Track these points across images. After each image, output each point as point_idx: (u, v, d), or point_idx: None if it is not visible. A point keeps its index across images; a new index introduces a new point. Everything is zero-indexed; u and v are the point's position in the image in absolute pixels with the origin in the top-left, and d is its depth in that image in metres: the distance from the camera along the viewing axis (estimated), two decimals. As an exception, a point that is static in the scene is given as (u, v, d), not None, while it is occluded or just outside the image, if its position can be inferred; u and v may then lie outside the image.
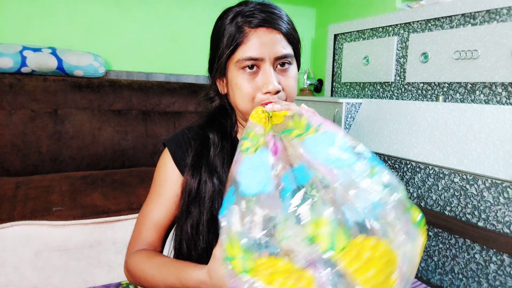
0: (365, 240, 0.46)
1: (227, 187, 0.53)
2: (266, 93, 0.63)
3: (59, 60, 1.87)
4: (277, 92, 0.64)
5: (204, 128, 0.74)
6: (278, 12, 0.67)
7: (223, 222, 0.51)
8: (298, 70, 0.72)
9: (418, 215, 0.51)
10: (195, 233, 0.69)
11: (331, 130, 0.53)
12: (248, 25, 0.63)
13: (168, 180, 0.73)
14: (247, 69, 0.64)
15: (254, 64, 0.64)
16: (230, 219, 0.50)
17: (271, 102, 0.60)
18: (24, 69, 1.81)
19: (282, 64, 0.66)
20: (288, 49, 0.66)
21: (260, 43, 0.63)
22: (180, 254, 0.73)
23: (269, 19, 0.64)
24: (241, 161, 0.53)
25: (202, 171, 0.69)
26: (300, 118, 0.55)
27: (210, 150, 0.71)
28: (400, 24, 1.80)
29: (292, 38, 0.68)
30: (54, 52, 1.87)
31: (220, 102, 0.76)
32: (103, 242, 1.42)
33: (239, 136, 0.76)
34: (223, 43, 0.65)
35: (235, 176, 0.52)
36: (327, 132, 0.52)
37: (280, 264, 0.46)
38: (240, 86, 0.65)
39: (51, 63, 1.85)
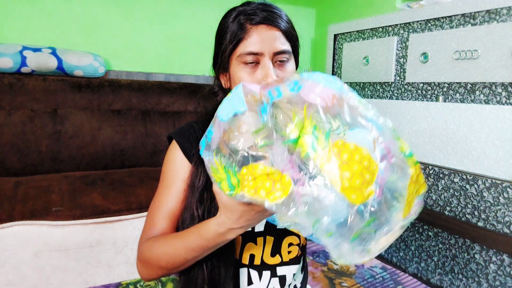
0: (345, 144, 0.47)
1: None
2: None
3: (59, 60, 1.87)
4: None
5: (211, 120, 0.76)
6: (278, 11, 0.71)
7: (204, 156, 0.55)
8: (296, 68, 0.75)
9: (407, 148, 0.52)
10: (207, 216, 0.70)
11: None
12: (249, 22, 0.68)
13: (179, 170, 0.73)
14: (248, 63, 0.68)
15: (254, 59, 0.67)
16: (211, 147, 0.54)
17: None
18: (24, 69, 1.81)
19: (281, 60, 0.69)
20: (286, 46, 0.70)
21: (260, 38, 0.67)
22: None
23: (269, 17, 0.68)
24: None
25: None
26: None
27: None
28: (400, 24, 1.80)
29: (291, 35, 0.72)
30: (54, 52, 1.87)
31: (224, 96, 0.77)
32: (103, 242, 1.42)
33: None
34: (226, 39, 0.69)
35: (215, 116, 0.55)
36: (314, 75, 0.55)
37: (260, 167, 0.48)
38: (241, 79, 0.68)
39: (51, 63, 1.85)
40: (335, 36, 2.25)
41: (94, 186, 1.58)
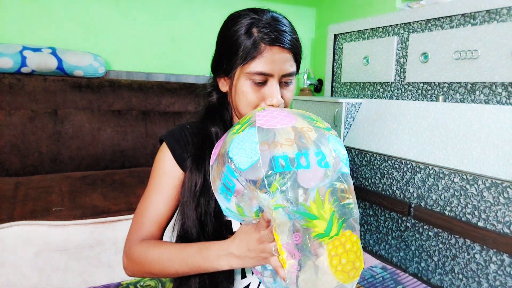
0: (351, 235, 0.56)
1: (220, 164, 0.60)
2: (270, 105, 0.70)
3: (59, 60, 1.87)
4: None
5: (205, 122, 0.78)
6: (288, 28, 0.72)
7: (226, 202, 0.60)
8: (297, 73, 0.77)
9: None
10: (203, 221, 0.72)
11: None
12: (263, 41, 0.68)
13: (168, 174, 0.75)
14: (256, 81, 0.69)
15: (263, 79, 0.69)
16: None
17: None
18: (24, 69, 1.81)
19: (286, 81, 0.72)
20: (293, 68, 0.72)
21: (272, 60, 0.68)
22: (186, 240, 0.74)
23: (283, 38, 0.69)
24: (231, 141, 0.59)
25: (207, 164, 0.72)
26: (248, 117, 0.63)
27: (214, 143, 0.73)
28: (400, 24, 1.80)
29: (299, 56, 0.74)
30: (54, 52, 1.87)
31: (218, 98, 0.80)
32: (103, 242, 1.42)
33: None
34: (238, 53, 0.69)
35: (226, 153, 0.58)
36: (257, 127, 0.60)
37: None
38: (246, 94, 0.70)
39: (51, 63, 1.85)
40: (335, 36, 2.25)
41: (94, 186, 1.58)
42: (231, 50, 0.70)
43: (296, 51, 0.72)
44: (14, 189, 1.48)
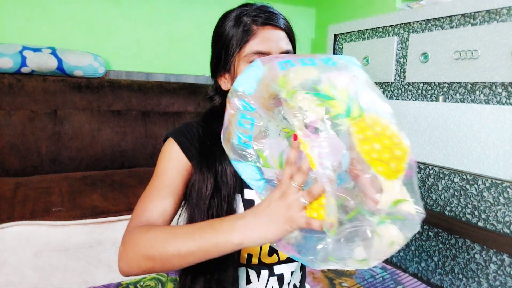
0: (378, 118, 0.47)
1: (229, 117, 0.57)
2: None
3: (59, 60, 1.87)
4: None
5: (210, 123, 0.75)
6: (278, 12, 0.73)
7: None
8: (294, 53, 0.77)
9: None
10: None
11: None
12: (255, 23, 0.69)
13: (174, 160, 0.71)
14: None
15: None
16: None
17: None
18: (24, 69, 1.81)
19: None
20: (289, 46, 0.71)
21: (267, 38, 0.68)
22: None
23: (273, 17, 0.70)
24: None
25: (217, 164, 0.70)
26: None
27: (221, 144, 0.71)
28: (400, 24, 1.80)
29: (292, 36, 0.74)
30: (54, 52, 1.87)
31: (222, 100, 0.77)
32: (103, 242, 1.42)
33: None
34: (232, 40, 0.69)
35: (232, 91, 0.56)
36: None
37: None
38: None
39: (51, 63, 1.85)
40: (335, 36, 2.25)
41: (94, 187, 1.58)
42: (224, 43, 0.71)
43: (289, 31, 0.73)
44: (14, 190, 1.48)
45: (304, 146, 0.46)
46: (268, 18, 0.69)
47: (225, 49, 0.71)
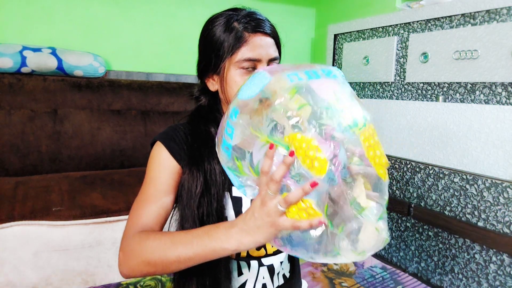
0: (373, 127, 0.56)
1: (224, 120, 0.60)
2: None
3: (59, 60, 1.87)
4: None
5: (197, 123, 0.78)
6: (266, 19, 0.76)
7: (234, 126, 0.57)
8: (280, 59, 0.80)
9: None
10: (205, 221, 0.71)
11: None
12: (246, 30, 0.72)
13: (164, 166, 0.73)
14: (245, 69, 0.72)
15: (252, 65, 0.72)
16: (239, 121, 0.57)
17: None
18: (24, 69, 1.81)
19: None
20: (276, 53, 0.76)
21: (258, 45, 0.71)
22: None
23: (263, 25, 0.73)
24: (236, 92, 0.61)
25: (206, 164, 0.73)
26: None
27: (209, 142, 0.74)
28: (400, 24, 1.80)
29: (278, 42, 0.78)
30: (54, 52, 1.87)
31: (209, 101, 0.81)
32: (103, 242, 1.42)
33: None
34: (223, 47, 0.72)
35: (234, 100, 0.59)
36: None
37: (298, 136, 0.51)
38: (238, 83, 0.72)
39: (51, 63, 1.85)
40: (335, 36, 2.25)
41: (93, 186, 1.58)
42: (215, 47, 0.73)
43: (276, 37, 0.77)
44: (14, 189, 1.48)
45: (298, 148, 0.50)
46: (258, 25, 0.72)
47: (215, 52, 0.73)
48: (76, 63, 1.91)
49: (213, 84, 0.78)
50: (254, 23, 0.72)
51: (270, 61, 0.73)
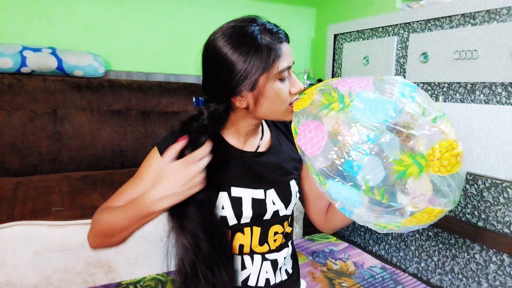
0: (450, 141, 0.61)
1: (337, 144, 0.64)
2: (297, 91, 0.77)
3: (59, 60, 1.87)
4: None
5: (200, 137, 0.75)
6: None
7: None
8: None
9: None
10: (208, 226, 0.73)
11: (362, 90, 0.65)
12: (277, 41, 0.73)
13: (151, 171, 0.77)
14: (284, 78, 0.74)
15: (288, 73, 0.75)
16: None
17: (297, 98, 0.76)
18: (24, 69, 1.81)
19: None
20: None
21: (287, 53, 0.75)
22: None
23: (283, 33, 0.76)
24: (346, 116, 0.63)
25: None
26: (330, 92, 0.67)
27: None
28: (400, 24, 1.80)
29: None
30: (54, 52, 1.87)
31: (209, 117, 0.77)
32: (103, 242, 1.42)
33: (259, 139, 0.86)
34: (260, 62, 0.71)
35: (350, 123, 0.63)
36: (360, 94, 0.64)
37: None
38: (281, 93, 0.74)
39: (51, 63, 1.85)
40: (335, 36, 2.25)
41: (94, 186, 1.58)
42: (248, 65, 0.71)
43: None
44: (14, 189, 1.48)
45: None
46: (283, 35, 0.75)
47: (247, 71, 0.71)
48: (76, 63, 1.91)
49: (241, 101, 0.75)
50: (280, 34, 0.74)
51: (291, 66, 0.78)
